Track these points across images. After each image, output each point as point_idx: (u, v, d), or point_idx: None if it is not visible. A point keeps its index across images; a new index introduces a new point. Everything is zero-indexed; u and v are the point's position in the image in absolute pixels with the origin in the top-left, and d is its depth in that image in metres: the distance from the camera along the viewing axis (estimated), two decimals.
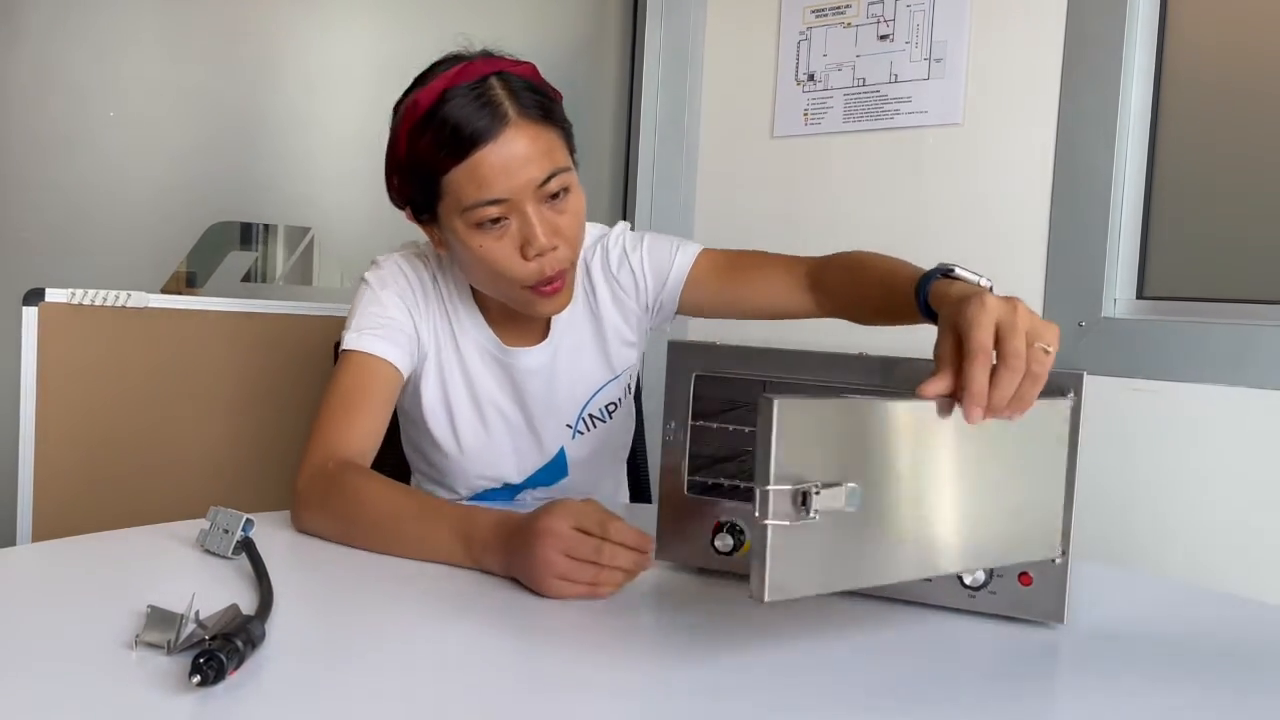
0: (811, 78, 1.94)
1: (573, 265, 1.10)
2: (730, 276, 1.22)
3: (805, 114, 1.95)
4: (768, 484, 0.62)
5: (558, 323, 1.20)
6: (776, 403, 0.62)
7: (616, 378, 1.25)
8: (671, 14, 2.11)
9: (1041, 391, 0.75)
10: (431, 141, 1.02)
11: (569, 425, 1.23)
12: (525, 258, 1.04)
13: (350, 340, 1.11)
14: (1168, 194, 1.65)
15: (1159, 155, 1.65)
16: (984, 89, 1.75)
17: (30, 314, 1.47)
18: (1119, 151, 1.62)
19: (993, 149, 1.74)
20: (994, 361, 0.72)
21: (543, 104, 1.05)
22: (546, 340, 1.20)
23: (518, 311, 1.18)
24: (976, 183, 1.76)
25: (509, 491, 1.25)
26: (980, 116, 1.76)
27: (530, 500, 1.24)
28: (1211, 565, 1.51)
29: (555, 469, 1.25)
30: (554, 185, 1.04)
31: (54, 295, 1.50)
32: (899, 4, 1.83)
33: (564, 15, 2.11)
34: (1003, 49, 1.73)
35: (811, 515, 0.63)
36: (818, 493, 0.63)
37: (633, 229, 1.28)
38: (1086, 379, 0.80)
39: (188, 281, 1.74)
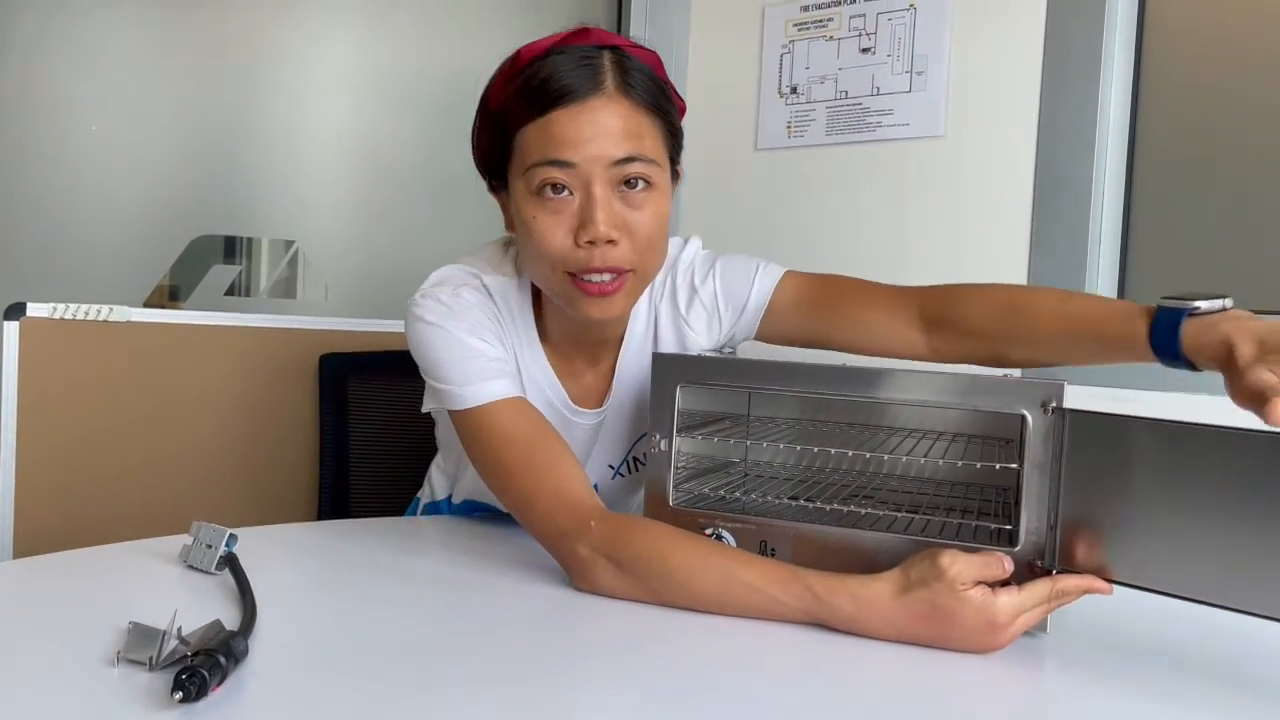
0: (794, 90, 1.96)
1: (636, 274, 0.97)
2: (821, 307, 1.11)
3: (789, 126, 1.96)
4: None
5: (620, 375, 1.12)
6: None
7: None
8: (654, 27, 2.12)
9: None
10: (519, 91, 0.93)
11: (611, 466, 1.18)
12: (577, 243, 0.93)
13: (471, 395, 0.98)
14: (1147, 204, 1.66)
15: (1138, 165, 1.67)
16: (965, 101, 1.77)
17: (11, 328, 1.46)
18: (1098, 162, 1.64)
19: (974, 160, 1.76)
20: None
21: (654, 91, 0.96)
22: (607, 402, 1.12)
23: (582, 340, 1.10)
24: (959, 194, 1.77)
25: None
26: (962, 129, 1.77)
27: None
28: None
29: None
30: (633, 170, 0.92)
31: (36, 310, 1.49)
32: (880, 17, 1.85)
33: (546, 28, 2.11)
34: (983, 62, 1.75)
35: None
36: None
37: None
38: (1068, 389, 0.80)
39: (171, 295, 1.73)
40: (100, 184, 1.68)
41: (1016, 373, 0.88)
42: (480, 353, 1.00)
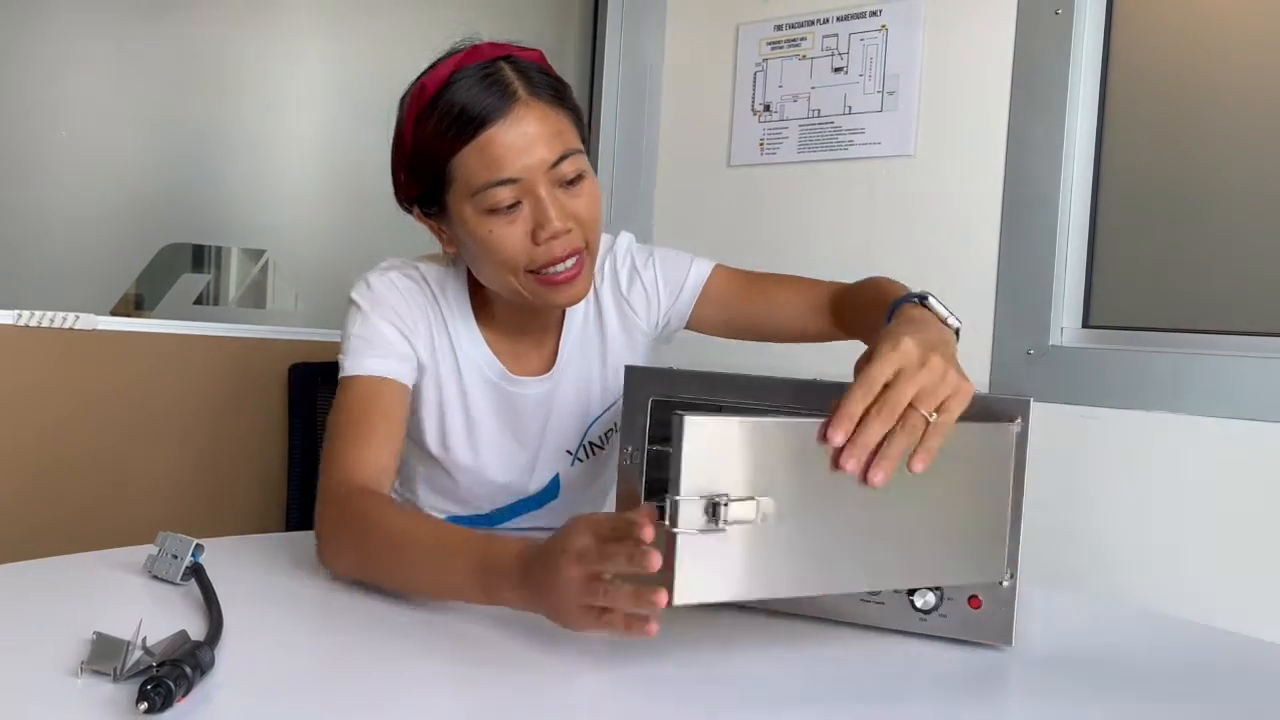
0: (767, 108, 1.98)
1: (590, 253, 1.05)
2: (747, 294, 1.22)
3: (761, 144, 1.98)
4: (678, 495, 0.65)
5: (564, 351, 1.17)
6: (687, 419, 0.66)
7: (616, 403, 1.21)
8: (630, 44, 2.14)
9: (987, 417, 0.79)
10: (438, 124, 0.98)
11: (569, 452, 1.20)
12: (536, 242, 1.00)
13: (349, 366, 1.06)
14: (1112, 226, 1.69)
15: (1103, 189, 1.70)
16: (935, 122, 1.79)
17: None
18: (1065, 185, 1.67)
19: (943, 181, 1.78)
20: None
21: (554, 86, 1.02)
22: (552, 370, 1.16)
23: (526, 327, 1.15)
24: (928, 213, 1.79)
25: (488, 520, 1.22)
26: (931, 149, 1.80)
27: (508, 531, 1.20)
28: (1155, 586, 1.55)
29: (546, 494, 1.22)
30: (567, 168, 1.00)
31: (0, 317, 1.48)
32: (853, 37, 1.87)
33: (520, 38, 2.12)
34: (953, 83, 1.78)
35: (721, 526, 0.66)
36: (727, 505, 0.66)
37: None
38: (1033, 406, 0.82)
39: (136, 304, 1.71)
40: (69, 190, 1.66)
41: (983, 388, 0.89)
42: (379, 335, 1.07)
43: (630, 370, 0.96)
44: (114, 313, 1.66)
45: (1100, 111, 1.69)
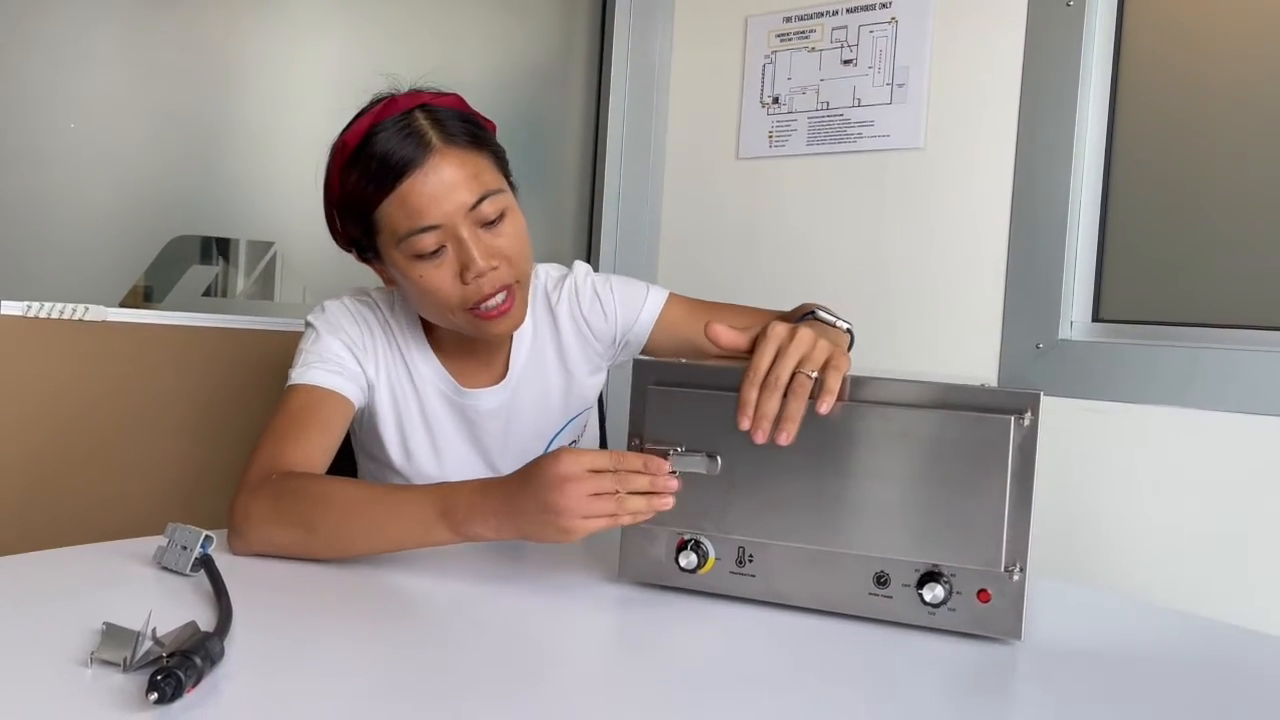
0: (776, 100, 1.97)
1: (520, 284, 1.08)
2: (699, 320, 1.24)
3: (770, 136, 1.98)
4: (641, 445, 0.89)
5: (516, 363, 1.20)
6: (649, 388, 0.89)
7: (576, 417, 1.27)
8: (638, 37, 2.13)
9: (996, 410, 0.79)
10: (360, 176, 1.03)
11: None
12: (465, 282, 1.04)
13: (294, 376, 1.10)
14: (1122, 220, 1.68)
15: (1114, 182, 1.69)
16: (945, 115, 1.79)
17: None
18: (1075, 178, 1.66)
19: (953, 174, 1.77)
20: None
21: (470, 130, 1.06)
22: (504, 381, 1.20)
23: (474, 348, 1.18)
24: (937, 207, 1.79)
25: None
26: (941, 141, 1.79)
27: None
28: (1164, 581, 1.54)
29: None
30: (488, 208, 1.03)
31: (9, 308, 1.48)
32: (862, 29, 1.87)
33: (531, 37, 2.12)
34: (963, 76, 1.77)
35: (673, 471, 0.87)
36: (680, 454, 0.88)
37: (594, 252, 1.29)
38: (1043, 399, 0.82)
39: (145, 296, 1.72)
40: (77, 182, 1.66)
41: (993, 382, 0.89)
42: (330, 352, 1.11)
43: (639, 363, 0.96)
44: (123, 304, 1.67)
45: (1111, 104, 1.68)
